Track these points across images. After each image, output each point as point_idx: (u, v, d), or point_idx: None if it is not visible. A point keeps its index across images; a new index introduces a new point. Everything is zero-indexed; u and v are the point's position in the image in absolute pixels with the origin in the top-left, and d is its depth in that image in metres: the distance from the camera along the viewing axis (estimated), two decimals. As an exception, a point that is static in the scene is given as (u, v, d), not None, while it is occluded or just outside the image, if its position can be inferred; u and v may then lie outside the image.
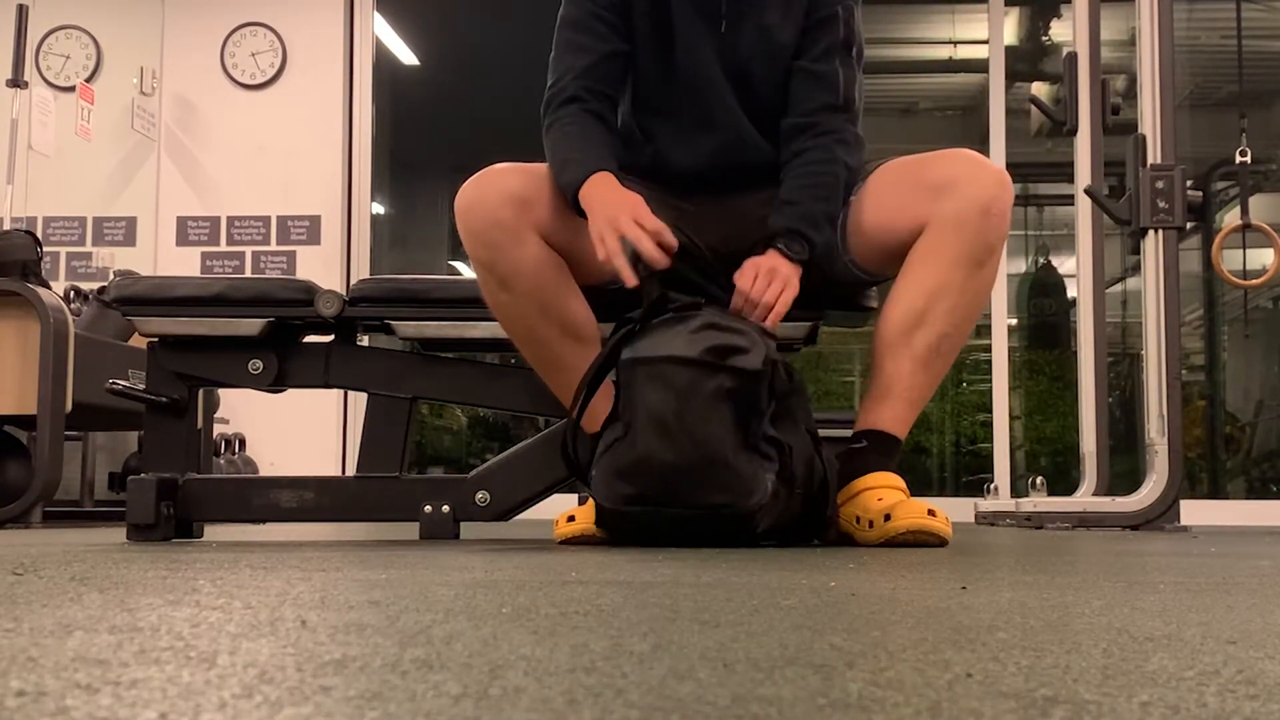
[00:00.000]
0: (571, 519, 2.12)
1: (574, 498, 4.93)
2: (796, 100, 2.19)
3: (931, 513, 1.97)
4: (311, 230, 6.07)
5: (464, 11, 7.51)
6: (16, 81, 5.34)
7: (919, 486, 5.06)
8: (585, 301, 2.17)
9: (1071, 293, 7.15)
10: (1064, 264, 7.40)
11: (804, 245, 2.06)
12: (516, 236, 2.08)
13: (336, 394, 5.81)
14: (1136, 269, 6.02)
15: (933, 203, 2.06)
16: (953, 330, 2.08)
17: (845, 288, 2.26)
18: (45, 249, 4.49)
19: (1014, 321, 6.99)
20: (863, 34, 2.25)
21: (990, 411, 6.09)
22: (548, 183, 2.14)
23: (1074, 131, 4.09)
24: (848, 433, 2.35)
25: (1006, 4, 6.31)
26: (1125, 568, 1.54)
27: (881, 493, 2.01)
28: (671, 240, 1.99)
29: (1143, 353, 3.80)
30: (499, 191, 2.10)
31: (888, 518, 1.96)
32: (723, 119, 2.21)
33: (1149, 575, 1.39)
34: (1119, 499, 3.75)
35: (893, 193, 2.13)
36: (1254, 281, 4.58)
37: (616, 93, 2.23)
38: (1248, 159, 4.35)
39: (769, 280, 2.02)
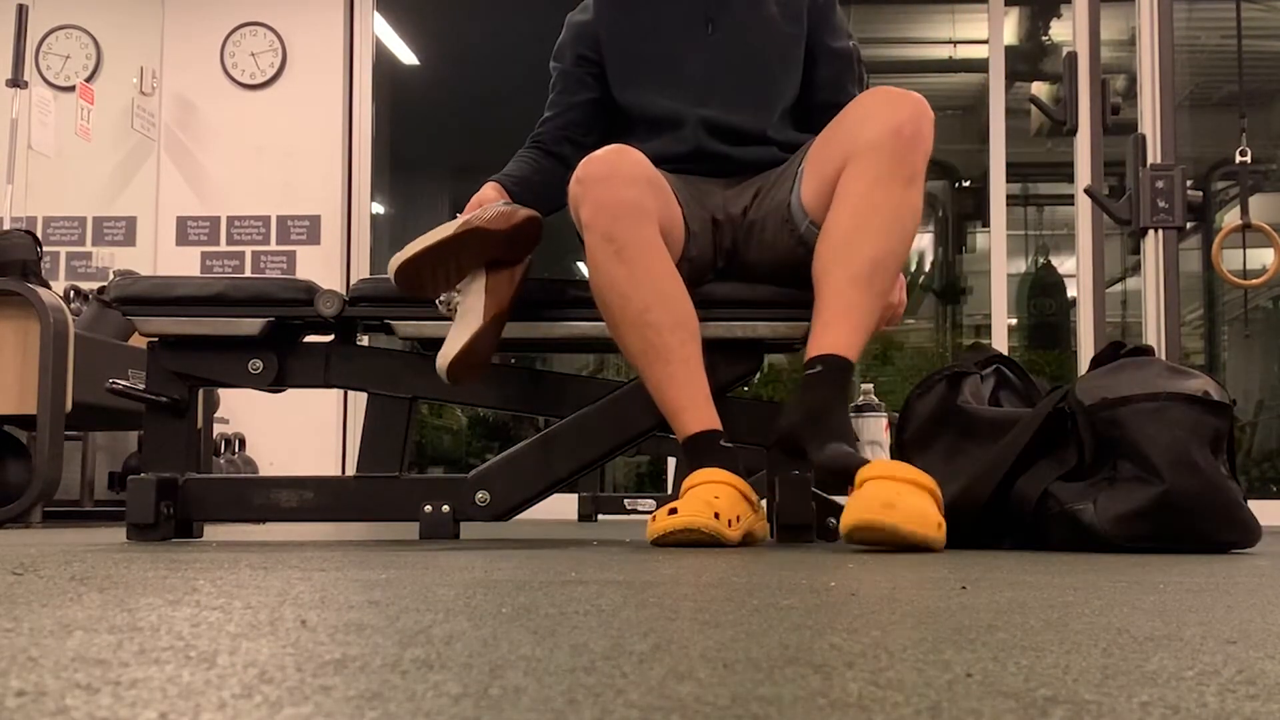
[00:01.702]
0: (674, 512, 1.99)
1: (574, 498, 4.92)
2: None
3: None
4: (311, 230, 6.07)
5: (464, 11, 7.51)
6: (16, 81, 5.34)
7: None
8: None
9: (1071, 293, 7.15)
10: (1064, 264, 7.40)
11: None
12: (644, 216, 2.12)
13: (336, 394, 5.81)
14: (1136, 269, 6.00)
15: (852, 140, 2.14)
16: (885, 252, 2.11)
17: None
18: (45, 249, 4.50)
19: (1014, 321, 6.99)
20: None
21: (990, 411, 6.07)
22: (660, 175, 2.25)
23: (1074, 131, 4.09)
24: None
25: (1006, 4, 6.31)
26: (1125, 568, 1.54)
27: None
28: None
29: (1143, 353, 3.79)
30: (637, 168, 2.14)
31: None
32: (709, 116, 2.37)
33: (1149, 575, 1.39)
34: (1120, 499, 3.74)
35: (825, 147, 2.21)
36: (1254, 281, 4.58)
37: (585, 134, 2.45)
38: (1248, 159, 4.34)
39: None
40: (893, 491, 1.85)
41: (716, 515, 1.97)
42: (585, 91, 2.45)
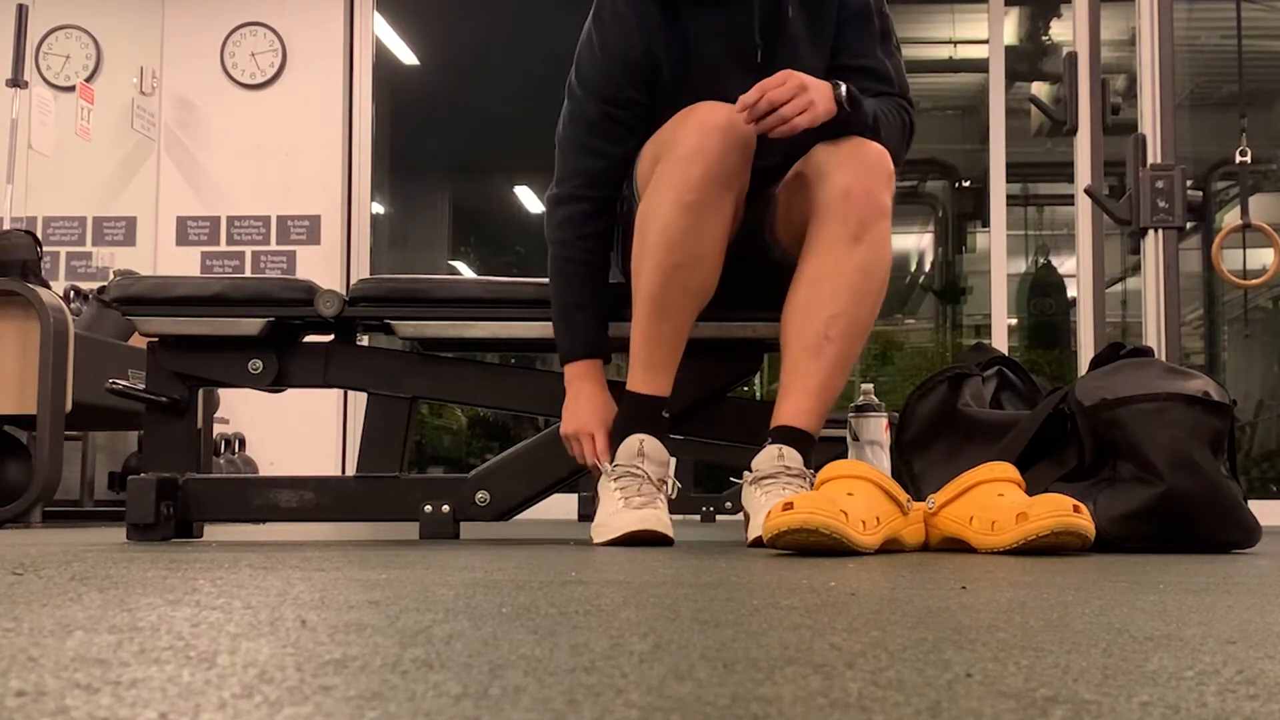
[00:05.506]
0: (789, 506, 1.69)
1: (574, 497, 4.92)
2: None
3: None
4: (311, 230, 6.07)
5: (464, 11, 7.51)
6: (16, 81, 5.34)
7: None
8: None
9: (1071, 293, 7.15)
10: (1064, 264, 7.40)
11: (850, 104, 2.09)
12: (734, 184, 2.10)
13: (336, 394, 5.81)
14: (1136, 269, 6.00)
15: (812, 192, 2.11)
16: (839, 311, 2.08)
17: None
18: (45, 249, 4.50)
19: (1014, 321, 6.99)
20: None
21: (990, 411, 6.07)
22: None
23: (1074, 131, 4.09)
24: (843, 433, 2.35)
25: (1006, 4, 6.31)
26: (1125, 568, 1.54)
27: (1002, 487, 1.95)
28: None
29: (1143, 353, 3.79)
30: (750, 138, 2.09)
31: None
32: None
33: (1149, 575, 1.39)
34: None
35: (797, 184, 2.17)
36: (1254, 281, 4.58)
37: (619, 188, 2.29)
38: (1248, 159, 4.34)
39: (793, 93, 2.01)
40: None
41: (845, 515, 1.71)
42: (630, 141, 2.25)
